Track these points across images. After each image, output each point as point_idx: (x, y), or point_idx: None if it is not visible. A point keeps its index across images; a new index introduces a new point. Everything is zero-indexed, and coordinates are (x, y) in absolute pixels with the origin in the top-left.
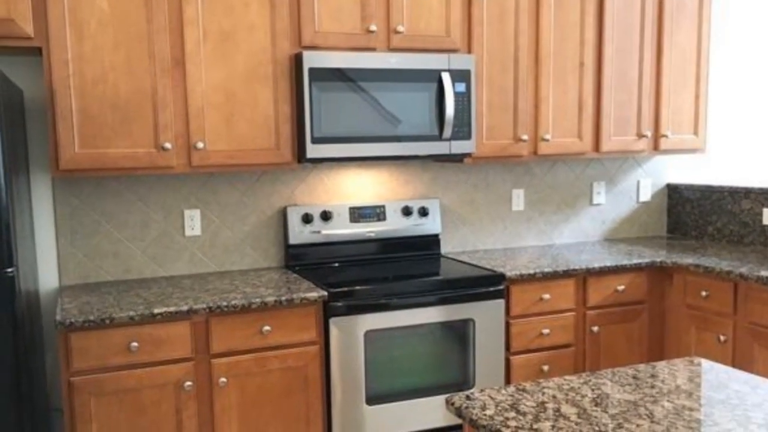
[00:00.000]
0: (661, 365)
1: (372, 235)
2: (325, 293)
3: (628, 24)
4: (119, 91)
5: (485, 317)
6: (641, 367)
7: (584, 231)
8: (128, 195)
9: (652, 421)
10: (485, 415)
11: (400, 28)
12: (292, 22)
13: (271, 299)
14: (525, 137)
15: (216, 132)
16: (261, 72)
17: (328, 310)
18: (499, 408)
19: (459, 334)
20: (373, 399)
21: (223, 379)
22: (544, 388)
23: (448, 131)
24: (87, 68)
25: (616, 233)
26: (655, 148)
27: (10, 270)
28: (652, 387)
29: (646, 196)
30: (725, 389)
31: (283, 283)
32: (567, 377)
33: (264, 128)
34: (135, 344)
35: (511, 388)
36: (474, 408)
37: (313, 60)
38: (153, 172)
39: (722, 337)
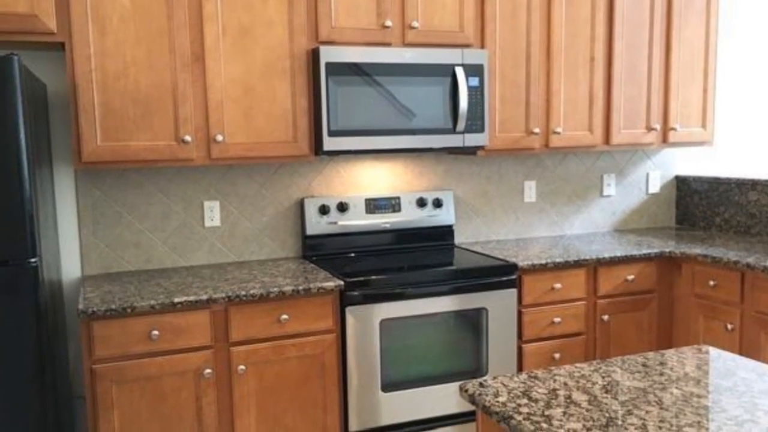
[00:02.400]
0: (669, 353)
1: (387, 226)
2: (342, 283)
3: (637, 20)
4: (140, 85)
5: (498, 306)
6: (650, 354)
7: (595, 222)
8: (149, 187)
9: (661, 408)
10: (498, 401)
11: (415, 24)
12: (309, 18)
13: (288, 288)
14: (537, 130)
15: (235, 125)
16: (279, 66)
17: (344, 299)
18: (512, 395)
19: (472, 322)
20: (388, 386)
21: (242, 367)
22: (555, 375)
23: (461, 124)
24: (109, 63)
25: (625, 224)
26: (664, 140)
27: (33, 260)
28: (661, 374)
29: (655, 187)
30: (732, 377)
31: (301, 272)
32: (578, 365)
33: (282, 121)
34: (156, 332)
35: (523, 376)
36: (487, 395)
37: (329, 55)
38: (173, 164)
39: (729, 326)
